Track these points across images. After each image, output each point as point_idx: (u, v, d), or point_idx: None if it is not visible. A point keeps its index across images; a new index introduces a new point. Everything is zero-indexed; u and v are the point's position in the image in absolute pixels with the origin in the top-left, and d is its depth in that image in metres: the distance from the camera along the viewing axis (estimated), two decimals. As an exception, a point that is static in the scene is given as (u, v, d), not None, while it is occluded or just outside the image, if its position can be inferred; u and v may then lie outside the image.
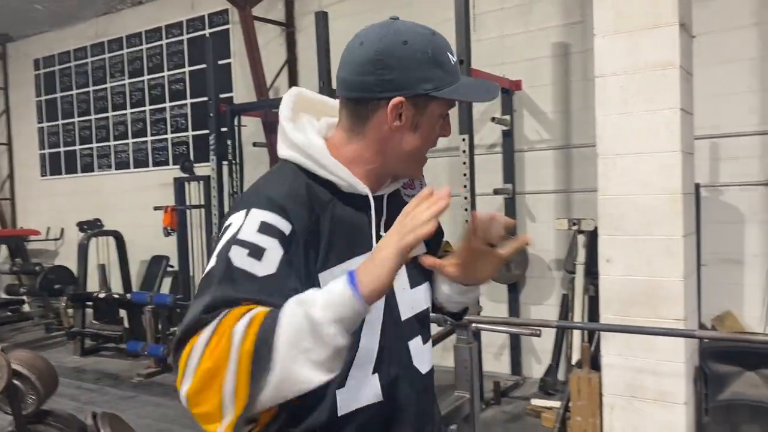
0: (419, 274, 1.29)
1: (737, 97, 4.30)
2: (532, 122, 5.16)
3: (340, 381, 1.15)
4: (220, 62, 6.47)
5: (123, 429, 3.10)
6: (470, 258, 1.20)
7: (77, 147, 8.56)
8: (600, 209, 3.51)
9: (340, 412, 1.16)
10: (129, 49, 7.89)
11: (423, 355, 1.30)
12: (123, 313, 6.73)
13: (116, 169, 8.10)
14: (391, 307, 1.23)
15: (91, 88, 8.34)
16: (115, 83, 8.07)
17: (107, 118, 8.18)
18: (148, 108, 7.76)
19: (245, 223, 1.07)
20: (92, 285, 7.11)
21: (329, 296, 0.96)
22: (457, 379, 2.44)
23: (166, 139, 7.60)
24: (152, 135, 7.73)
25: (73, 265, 7.37)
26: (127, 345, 6.16)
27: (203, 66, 6.15)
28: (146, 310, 5.86)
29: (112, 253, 7.23)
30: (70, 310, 6.77)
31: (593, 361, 3.77)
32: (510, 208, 5.17)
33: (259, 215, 1.08)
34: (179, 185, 6.36)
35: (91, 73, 8.33)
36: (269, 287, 1.01)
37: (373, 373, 1.20)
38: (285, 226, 1.08)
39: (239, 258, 1.03)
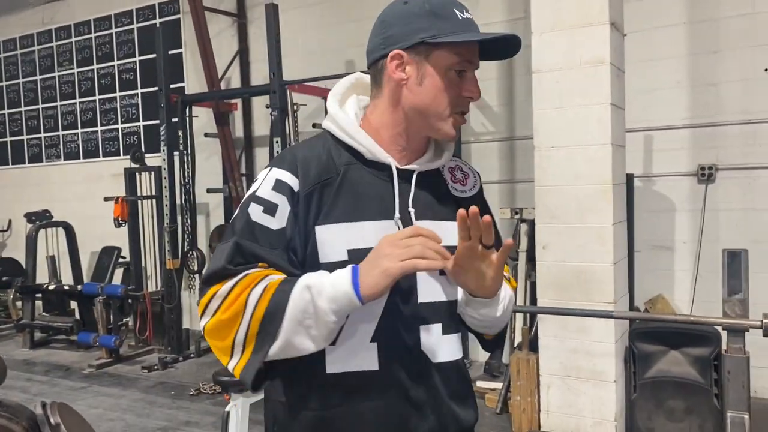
0: None
1: (668, 91, 4.54)
2: (478, 115, 5.32)
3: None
4: (171, 52, 6.45)
5: (73, 417, 3.14)
6: (466, 256, 1.15)
7: (24, 137, 8.40)
8: (537, 199, 3.69)
9: (329, 370, 1.21)
10: (78, 38, 7.77)
11: (439, 344, 1.25)
12: (74, 304, 6.68)
13: (65, 159, 7.98)
14: (409, 286, 1.22)
15: (38, 77, 8.18)
16: (64, 72, 7.94)
17: (56, 107, 8.05)
18: (98, 98, 7.66)
19: (265, 181, 1.23)
20: (42, 277, 7.02)
21: (334, 292, 1.10)
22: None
23: (116, 129, 7.53)
24: (102, 125, 7.64)
25: (21, 257, 7.27)
26: (78, 336, 6.12)
27: (154, 56, 6.12)
28: (97, 301, 5.84)
29: (62, 244, 7.15)
30: (18, 303, 6.68)
31: (532, 344, 3.97)
32: (457, 197, 5.33)
33: (276, 173, 1.22)
34: (130, 176, 6.33)
35: (38, 61, 8.16)
36: (280, 239, 1.19)
37: (372, 341, 1.21)
38: (294, 183, 1.21)
39: (256, 214, 1.19)
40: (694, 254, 4.51)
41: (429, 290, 1.25)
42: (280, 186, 1.21)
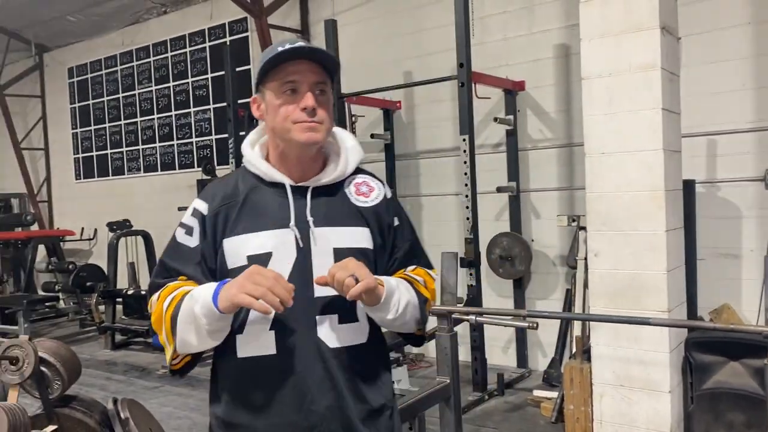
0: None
1: (732, 94, 4.39)
2: (535, 121, 5.31)
3: (239, 328, 1.47)
4: (239, 69, 6.76)
5: (141, 413, 3.36)
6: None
7: (108, 151, 8.97)
8: (588, 206, 3.66)
9: (240, 354, 1.48)
10: (155, 57, 8.25)
11: (336, 331, 1.47)
12: (151, 309, 7.06)
13: (144, 171, 8.48)
14: (304, 282, 1.45)
15: (120, 95, 8.73)
16: (143, 90, 8.44)
17: (136, 123, 8.57)
18: (174, 113, 8.10)
19: (188, 210, 1.56)
20: (122, 282, 7.48)
21: (204, 302, 1.37)
22: (439, 365, 2.63)
23: (191, 143, 7.93)
24: (178, 139, 8.07)
25: (104, 264, 7.75)
26: (153, 339, 6.46)
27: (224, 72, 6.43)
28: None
29: (140, 251, 7.59)
30: (101, 307, 7.13)
31: (587, 352, 3.92)
32: (514, 205, 5.33)
33: (195, 203, 1.56)
34: (202, 187, 6.65)
35: (120, 80, 8.72)
36: (195, 253, 1.50)
37: (270, 329, 1.46)
38: (204, 208, 1.53)
39: (180, 235, 1.54)
40: (763, 262, 4.33)
41: (324, 287, 1.44)
42: (195, 212, 1.53)
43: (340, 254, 1.46)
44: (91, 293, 7.59)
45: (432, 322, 2.67)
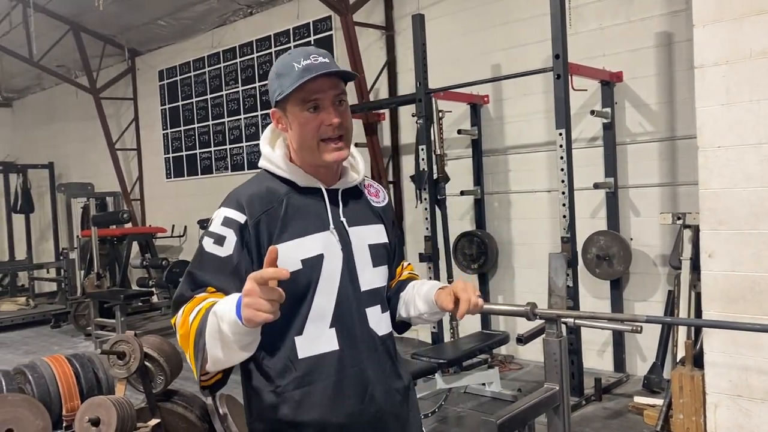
0: (384, 257, 1.67)
1: None
2: (634, 114, 5.05)
3: (298, 330, 1.51)
4: (324, 67, 6.77)
5: (238, 409, 3.40)
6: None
7: (197, 151, 9.23)
8: (701, 203, 3.43)
9: (300, 355, 1.51)
10: (242, 58, 8.41)
11: (380, 320, 1.61)
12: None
13: (232, 170, 8.67)
14: (353, 279, 1.56)
15: (208, 96, 8.96)
16: (230, 90, 8.63)
17: (223, 123, 8.77)
18: (260, 113, 8.24)
19: (215, 218, 1.53)
20: (211, 279, 7.65)
21: (230, 318, 1.32)
22: (547, 372, 2.49)
23: (276, 142, 8.03)
24: (263, 138, 8.19)
25: (194, 261, 7.96)
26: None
27: (309, 71, 6.46)
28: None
29: (228, 249, 7.75)
30: (192, 302, 7.33)
31: (697, 359, 3.68)
32: (612, 202, 5.09)
33: (224, 212, 1.52)
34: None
35: (208, 81, 8.94)
36: (225, 264, 1.48)
37: (330, 327, 1.52)
38: (241, 218, 1.50)
39: (208, 245, 1.51)
40: None
41: (368, 280, 1.59)
42: (228, 222, 1.50)
43: (373, 250, 1.62)
44: (182, 289, 7.82)
45: (527, 325, 2.55)
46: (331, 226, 1.55)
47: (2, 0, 8.54)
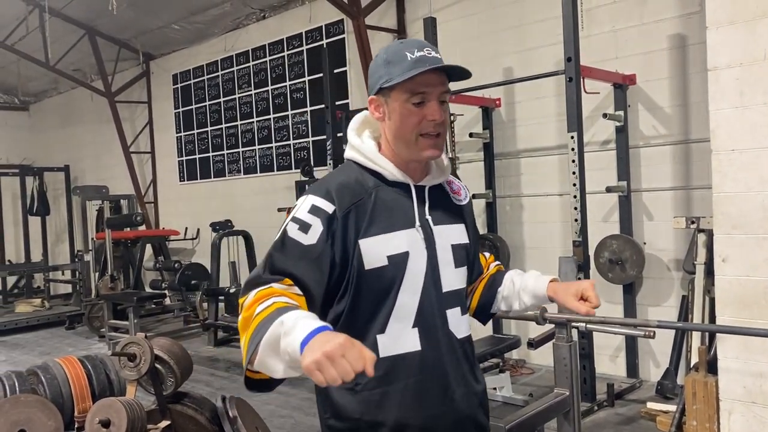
0: (465, 257, 1.63)
1: None
2: (647, 117, 5.00)
3: (381, 328, 1.48)
4: (336, 71, 6.81)
5: (248, 411, 3.41)
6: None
7: (210, 154, 9.28)
8: (715, 207, 3.39)
9: (382, 354, 1.46)
10: (255, 62, 8.45)
11: (459, 323, 1.58)
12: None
13: (245, 173, 8.71)
14: (435, 279, 1.53)
15: (221, 99, 9.01)
16: (243, 94, 8.67)
17: (236, 126, 8.81)
18: (272, 116, 8.27)
19: (303, 205, 1.48)
20: (224, 281, 7.70)
21: (293, 342, 1.22)
22: (557, 377, 2.48)
23: (288, 145, 8.07)
24: (276, 141, 8.23)
25: (207, 263, 8.02)
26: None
27: (321, 75, 6.48)
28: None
29: (241, 251, 7.80)
30: (204, 304, 7.38)
31: (711, 365, 3.64)
32: (624, 206, 5.05)
33: (312, 200, 1.48)
34: (300, 188, 6.75)
35: (221, 85, 8.99)
36: (307, 252, 1.43)
37: (413, 327, 1.49)
38: (330, 208, 1.46)
39: (292, 230, 1.45)
40: None
41: (449, 281, 1.56)
42: (316, 210, 1.46)
43: (456, 250, 1.59)
44: (195, 291, 7.87)
45: (538, 329, 2.53)
46: (417, 223, 1.52)
47: (19, 5, 8.65)
